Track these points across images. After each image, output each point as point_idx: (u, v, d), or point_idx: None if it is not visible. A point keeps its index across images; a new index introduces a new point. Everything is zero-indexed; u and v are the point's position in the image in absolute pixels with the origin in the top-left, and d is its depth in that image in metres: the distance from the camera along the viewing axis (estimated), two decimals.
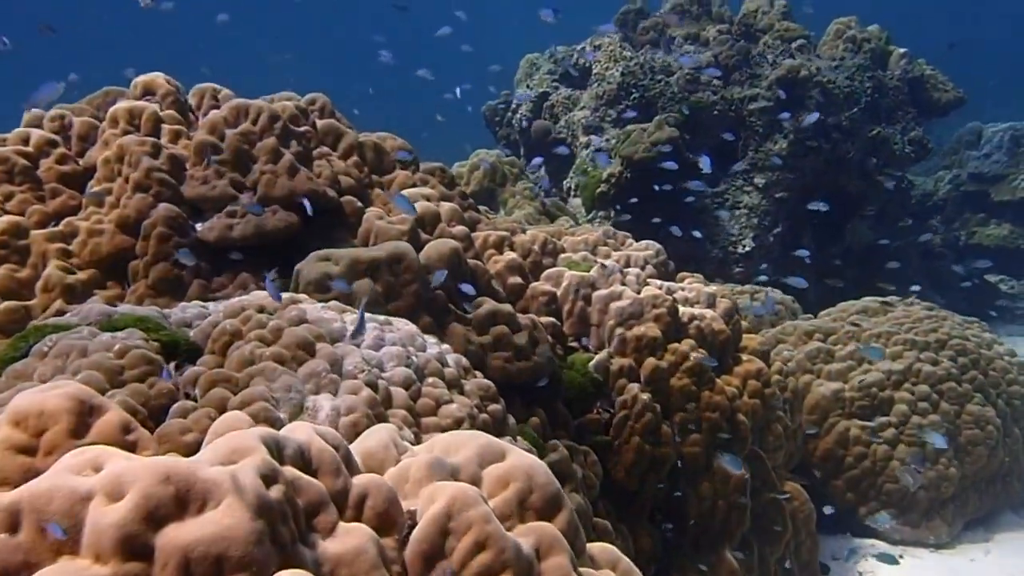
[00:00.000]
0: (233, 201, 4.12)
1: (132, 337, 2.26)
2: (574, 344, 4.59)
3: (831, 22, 9.17)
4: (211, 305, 2.73)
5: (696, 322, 4.43)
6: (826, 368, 5.29)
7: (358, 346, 2.42)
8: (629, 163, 7.65)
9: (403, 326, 2.67)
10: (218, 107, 4.55)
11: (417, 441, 2.27)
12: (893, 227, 8.99)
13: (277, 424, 2.06)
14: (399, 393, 2.36)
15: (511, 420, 2.86)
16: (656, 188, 6.90)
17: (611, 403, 4.32)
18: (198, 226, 4.13)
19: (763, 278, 7.10)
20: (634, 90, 8.32)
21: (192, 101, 4.77)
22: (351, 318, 2.55)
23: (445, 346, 2.79)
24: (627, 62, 8.46)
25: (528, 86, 9.32)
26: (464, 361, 2.75)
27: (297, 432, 1.78)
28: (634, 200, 7.33)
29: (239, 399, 2.14)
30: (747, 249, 7.83)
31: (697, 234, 5.96)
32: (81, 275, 4.01)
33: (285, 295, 2.67)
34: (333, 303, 2.73)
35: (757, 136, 7.90)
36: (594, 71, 8.74)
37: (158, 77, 4.67)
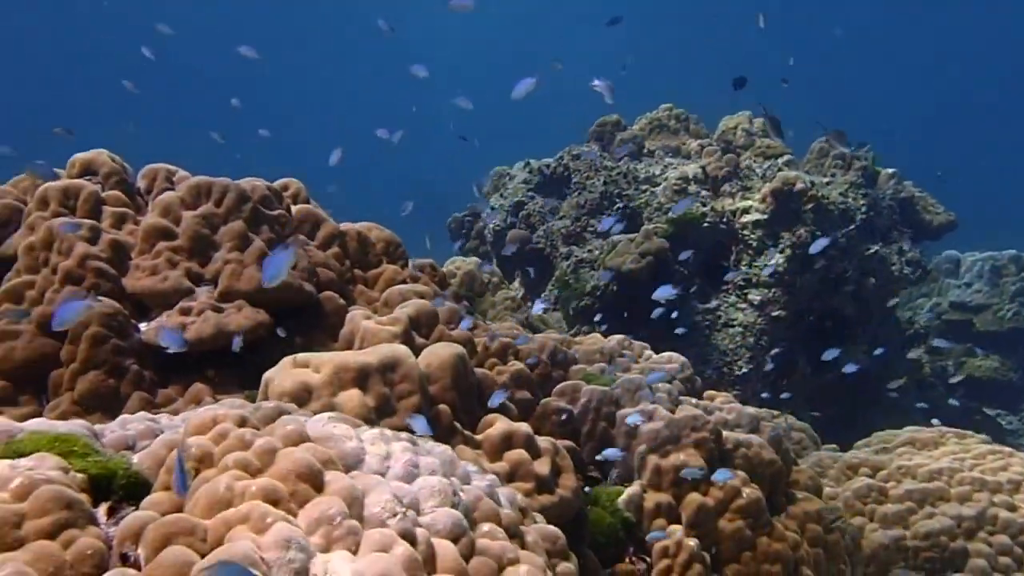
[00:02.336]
0: (188, 296, 3.36)
1: (43, 466, 1.47)
2: (595, 474, 3.84)
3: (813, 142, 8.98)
4: (163, 419, 1.94)
5: (743, 449, 3.71)
6: (880, 510, 4.52)
7: (383, 476, 1.65)
8: (616, 274, 7.08)
9: (436, 447, 1.90)
10: (172, 189, 3.84)
11: None
12: (886, 354, 8.50)
13: None
14: (446, 549, 1.59)
15: None
16: (648, 301, 6.31)
17: (647, 549, 3.53)
18: (142, 326, 3.34)
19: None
20: (618, 200, 7.85)
21: (141, 184, 4.06)
22: (370, 434, 1.79)
23: (491, 476, 2.02)
24: (609, 171, 8.03)
25: (502, 195, 8.82)
26: (520, 498, 1.99)
27: None
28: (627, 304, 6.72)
29: (211, 561, 1.34)
30: (744, 371, 7.23)
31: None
32: None
33: (270, 403, 1.90)
34: (337, 413, 1.95)
35: (751, 250, 7.43)
36: (574, 180, 8.28)
37: (101, 154, 3.96)
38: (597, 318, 6.96)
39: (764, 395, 7.14)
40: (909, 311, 11.55)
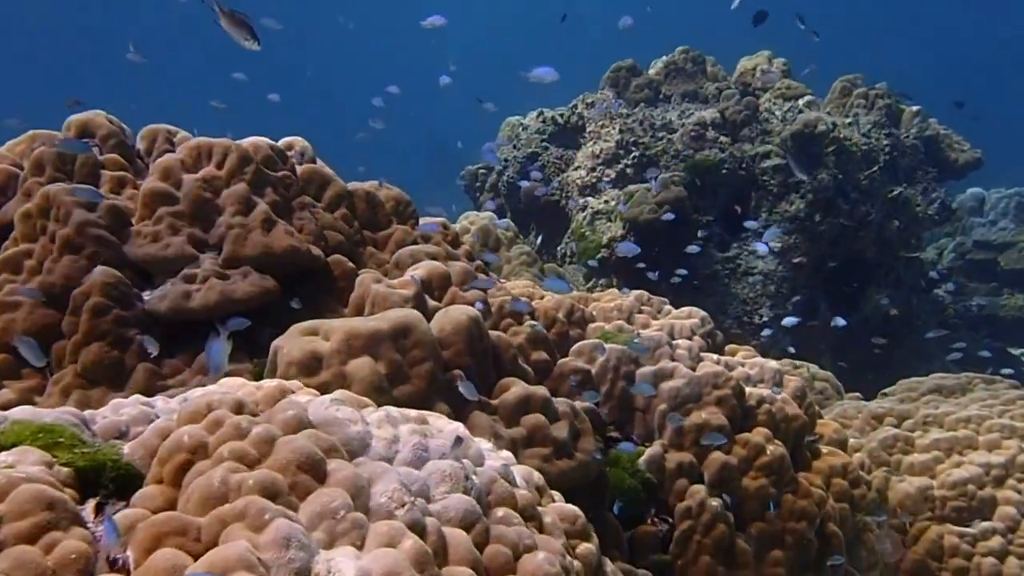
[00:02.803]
0: (192, 262, 3.25)
1: (25, 461, 1.38)
2: (615, 434, 3.75)
3: (835, 80, 8.68)
4: (159, 402, 1.84)
5: (766, 405, 3.60)
6: (906, 460, 4.41)
7: (390, 462, 1.55)
8: (633, 225, 6.93)
9: (446, 426, 1.80)
10: (173, 151, 3.71)
11: None
12: (910, 296, 8.32)
13: None
14: (458, 538, 1.49)
15: (609, 566, 1.98)
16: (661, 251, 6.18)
17: (668, 510, 3.45)
18: (145, 295, 3.24)
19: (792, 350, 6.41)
20: (634, 148, 7.65)
21: (141, 146, 3.92)
22: (375, 417, 1.68)
23: (505, 452, 1.92)
24: (624, 119, 7.82)
25: (515, 146, 8.62)
26: (536, 477, 1.88)
27: None
28: (641, 265, 6.56)
29: (204, 565, 1.25)
30: (765, 319, 7.09)
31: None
32: None
33: (272, 382, 1.79)
34: (341, 393, 1.84)
35: (771, 196, 7.24)
36: (588, 128, 8.08)
37: (98, 115, 3.81)
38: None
39: (778, 342, 7.02)
40: (933, 250, 11.30)
